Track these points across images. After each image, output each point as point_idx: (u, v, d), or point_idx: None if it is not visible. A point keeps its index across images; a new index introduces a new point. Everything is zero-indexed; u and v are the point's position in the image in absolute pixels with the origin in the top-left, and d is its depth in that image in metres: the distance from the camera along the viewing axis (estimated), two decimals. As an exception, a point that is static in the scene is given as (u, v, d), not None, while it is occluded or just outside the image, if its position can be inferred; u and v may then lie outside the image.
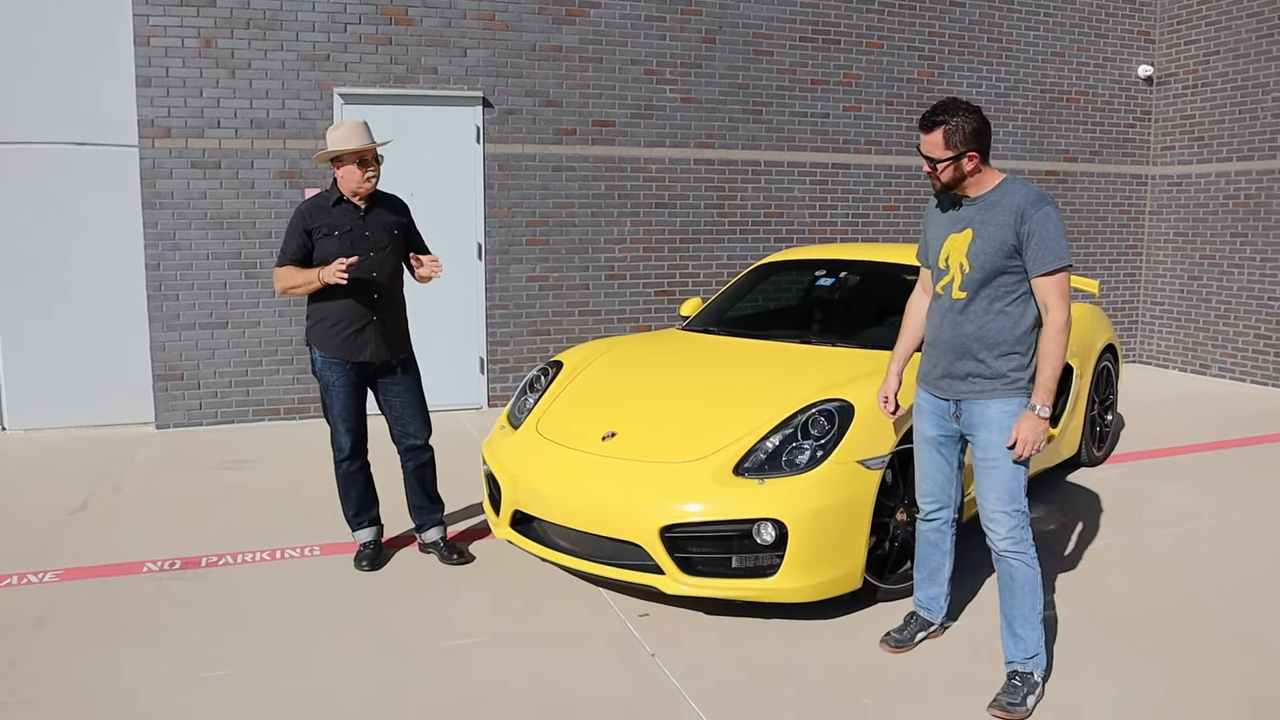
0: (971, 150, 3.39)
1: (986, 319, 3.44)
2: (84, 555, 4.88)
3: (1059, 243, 3.33)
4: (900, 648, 3.85)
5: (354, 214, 4.57)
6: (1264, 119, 9.61)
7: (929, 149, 3.46)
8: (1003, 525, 3.44)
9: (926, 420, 3.71)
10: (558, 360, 5.20)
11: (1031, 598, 3.46)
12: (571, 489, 4.13)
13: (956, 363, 3.51)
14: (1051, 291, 3.34)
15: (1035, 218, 3.33)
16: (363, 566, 4.72)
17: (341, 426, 4.68)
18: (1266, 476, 6.39)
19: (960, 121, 3.38)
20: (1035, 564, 3.47)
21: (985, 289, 3.43)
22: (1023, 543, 3.45)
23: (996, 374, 3.44)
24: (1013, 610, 3.49)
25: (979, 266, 3.42)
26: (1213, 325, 10.20)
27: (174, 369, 7.59)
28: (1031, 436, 3.34)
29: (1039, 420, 3.34)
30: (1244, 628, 4.10)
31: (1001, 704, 3.38)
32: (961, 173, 3.44)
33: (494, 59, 8.15)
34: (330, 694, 3.51)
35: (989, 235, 3.40)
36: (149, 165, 7.43)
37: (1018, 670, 3.47)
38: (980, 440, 3.48)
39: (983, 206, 3.46)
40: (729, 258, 9.02)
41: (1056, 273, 3.33)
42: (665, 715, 3.38)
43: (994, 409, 3.44)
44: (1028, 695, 3.40)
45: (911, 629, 3.91)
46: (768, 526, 3.82)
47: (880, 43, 9.37)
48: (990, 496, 3.45)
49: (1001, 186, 3.46)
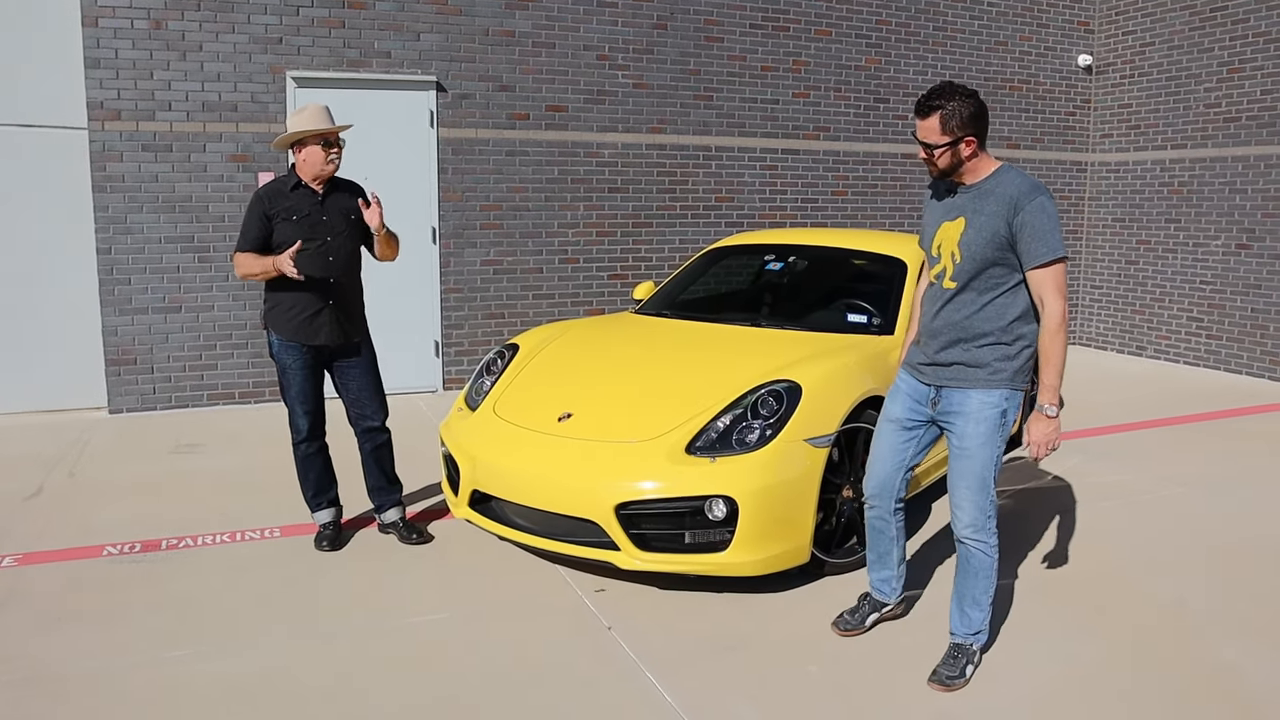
0: (969, 135, 3.33)
1: (975, 310, 3.40)
2: (42, 540, 4.90)
3: (1053, 234, 3.26)
4: (850, 631, 3.86)
5: (312, 198, 4.63)
6: (1196, 109, 9.93)
7: (925, 134, 3.38)
8: (967, 513, 3.46)
9: (899, 402, 3.67)
10: (514, 343, 5.30)
11: (986, 582, 3.54)
12: (529, 468, 4.25)
13: (942, 350, 3.48)
14: (1048, 284, 3.28)
15: (1029, 208, 3.26)
16: (323, 547, 4.79)
17: (299, 409, 4.74)
18: (1191, 453, 6.68)
19: (957, 105, 3.32)
20: (994, 552, 3.52)
21: (976, 280, 3.38)
22: (984, 531, 3.48)
23: (980, 363, 3.41)
24: (965, 590, 3.58)
25: (970, 257, 3.36)
26: (1148, 308, 10.54)
27: (127, 353, 7.57)
28: (1043, 438, 3.33)
29: (1049, 420, 3.32)
30: (1168, 594, 4.33)
31: (941, 677, 3.51)
32: (959, 158, 3.38)
33: (447, 43, 8.18)
34: (291, 672, 3.59)
35: (981, 225, 3.34)
36: (99, 148, 7.38)
37: (960, 644, 3.60)
38: (956, 429, 3.46)
39: (976, 195, 3.40)
40: (681, 242, 9.15)
41: (1051, 265, 3.27)
42: (621, 685, 3.51)
43: (974, 399, 3.42)
44: (966, 666, 3.54)
45: (863, 611, 3.91)
46: (719, 503, 3.97)
47: (829, 30, 9.53)
48: (960, 485, 3.46)
49: (996, 175, 3.40)
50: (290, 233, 4.56)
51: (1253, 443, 6.99)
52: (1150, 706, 3.39)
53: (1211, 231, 9.83)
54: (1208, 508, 5.52)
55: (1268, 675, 3.61)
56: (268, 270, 4.50)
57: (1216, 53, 9.71)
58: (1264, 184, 9.33)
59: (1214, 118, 9.76)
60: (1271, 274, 9.29)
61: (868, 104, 9.81)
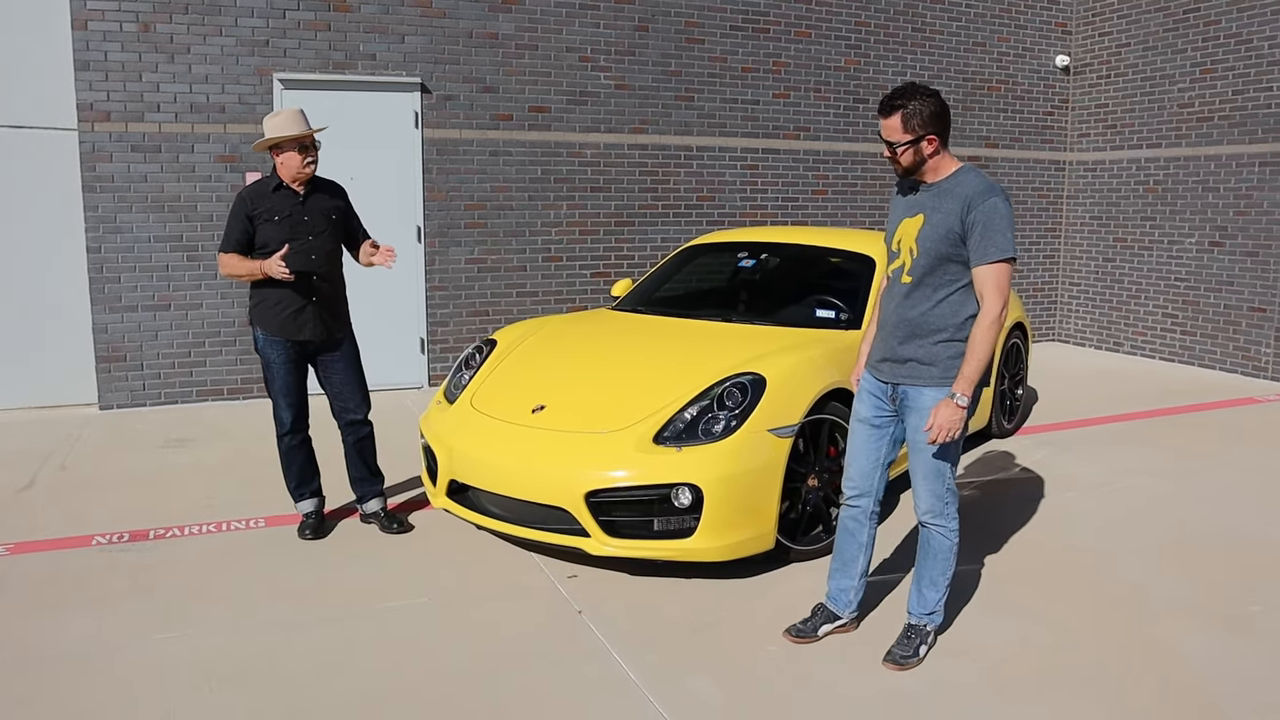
0: (930, 133, 3.44)
1: (929, 306, 3.50)
2: (34, 530, 5.05)
3: (1004, 235, 3.35)
4: (802, 638, 3.85)
5: (293, 199, 4.77)
6: (1170, 108, 10.11)
7: (889, 133, 3.48)
8: (925, 500, 3.62)
9: (864, 401, 3.75)
10: (492, 339, 5.46)
11: (943, 565, 3.67)
12: (503, 458, 4.41)
13: (899, 347, 3.58)
14: (989, 282, 3.38)
15: (982, 207, 3.36)
16: (305, 536, 4.95)
17: (283, 402, 4.89)
18: (1160, 446, 6.85)
19: (918, 105, 3.42)
20: (954, 536, 3.65)
21: (930, 276, 3.48)
22: (943, 516, 3.61)
23: (933, 361, 3.51)
24: (923, 571, 3.72)
25: (925, 252, 3.47)
26: (1125, 305, 10.71)
27: (117, 350, 7.71)
28: (947, 423, 3.40)
29: (956, 408, 3.40)
30: (1123, 580, 4.49)
31: (895, 657, 3.66)
32: (922, 156, 3.48)
33: (432, 46, 8.33)
34: (274, 653, 3.75)
35: (937, 222, 3.45)
36: (89, 149, 7.53)
37: (914, 624, 3.75)
38: (911, 424, 3.59)
39: (936, 193, 3.50)
40: (663, 240, 9.31)
41: (997, 264, 3.37)
42: (589, 664, 3.67)
43: (928, 395, 3.52)
44: (919, 646, 3.69)
45: (815, 621, 3.90)
46: (685, 490, 4.13)
47: (808, 32, 9.70)
48: (918, 474, 3.60)
49: (956, 175, 3.50)
50: (273, 233, 4.71)
51: (1219, 435, 7.17)
52: (1095, 684, 3.55)
53: (1186, 229, 10.01)
54: (1170, 497, 5.69)
55: (1211, 655, 3.78)
56: (254, 273, 4.67)
57: (1189, 54, 9.90)
58: (1235, 182, 9.51)
59: (1187, 117, 9.94)
60: (1243, 270, 9.47)
61: (847, 104, 9.97)
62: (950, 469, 3.61)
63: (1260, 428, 7.42)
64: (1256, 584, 4.45)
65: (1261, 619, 4.09)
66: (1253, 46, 9.30)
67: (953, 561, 3.71)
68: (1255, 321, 9.38)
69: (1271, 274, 9.22)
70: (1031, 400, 8.30)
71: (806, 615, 3.97)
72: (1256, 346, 9.37)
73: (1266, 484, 5.95)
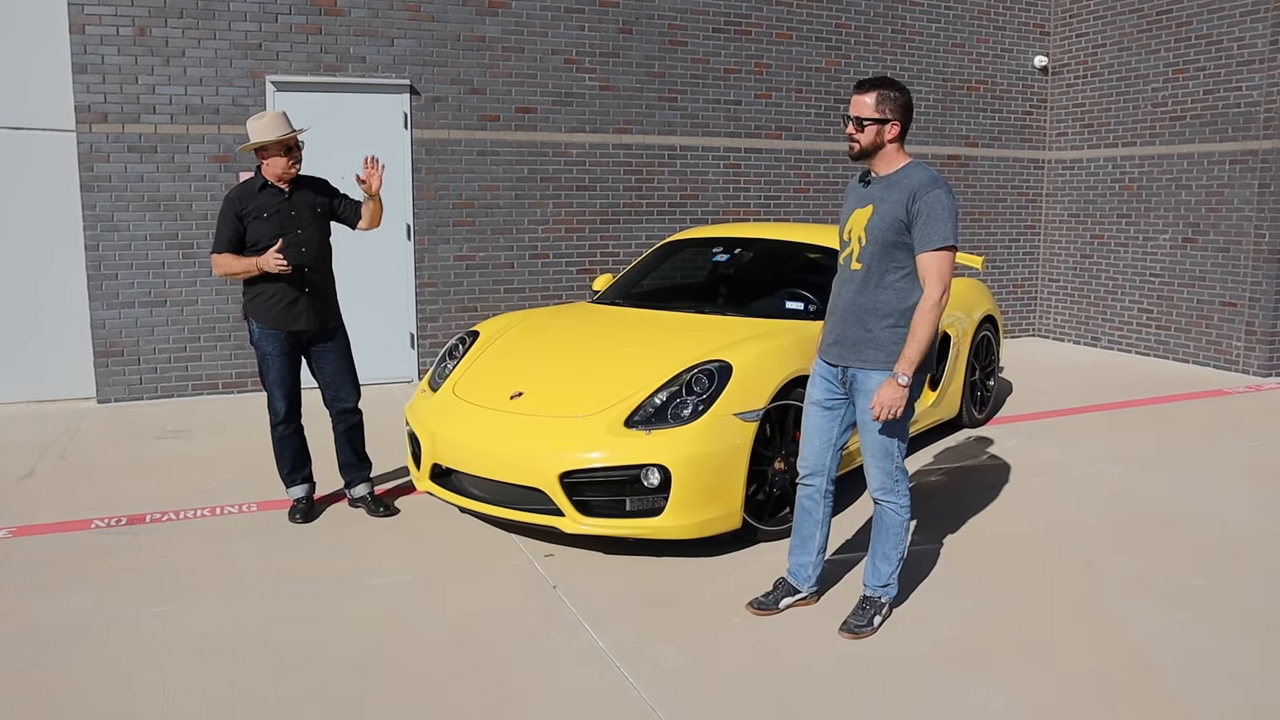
0: (896, 120, 3.67)
1: (877, 291, 3.69)
2: (34, 515, 5.26)
3: (945, 224, 3.56)
4: (764, 610, 4.04)
5: (279, 196, 4.99)
6: (1144, 108, 10.34)
7: (859, 109, 3.69)
8: (875, 478, 3.84)
9: (817, 385, 3.94)
10: (475, 330, 5.68)
11: (895, 539, 3.89)
12: (482, 442, 4.62)
13: (848, 330, 3.76)
14: (930, 268, 3.59)
15: (926, 198, 3.57)
16: (296, 519, 5.16)
17: (277, 392, 5.10)
18: (1127, 435, 7.07)
19: (894, 93, 3.67)
20: (905, 512, 3.86)
21: (878, 262, 3.67)
22: (893, 493, 3.83)
23: (880, 345, 3.69)
24: (877, 545, 3.93)
25: (873, 240, 3.67)
26: (1102, 300, 10.94)
27: (114, 345, 7.92)
28: (889, 401, 3.58)
29: (898, 388, 3.58)
30: (1078, 559, 4.70)
31: (850, 626, 3.87)
32: (881, 140, 3.68)
33: (420, 48, 8.55)
34: (263, 625, 3.96)
35: (884, 211, 3.65)
36: (86, 149, 7.74)
37: (869, 596, 3.96)
38: (860, 405, 3.79)
39: (885, 185, 3.71)
40: (647, 238, 9.52)
41: (938, 251, 3.57)
42: (562, 635, 3.89)
43: (874, 379, 3.71)
44: (874, 616, 3.90)
45: (776, 594, 4.09)
46: (653, 471, 4.35)
47: (789, 34, 9.92)
48: (868, 453, 3.82)
49: (905, 169, 3.71)
50: (263, 230, 4.92)
51: (1187, 425, 7.39)
52: (1042, 655, 3.77)
53: (1160, 226, 10.24)
54: (1132, 483, 5.91)
55: (1153, 628, 3.99)
56: (249, 269, 4.89)
57: (1163, 54, 10.12)
58: (1207, 180, 9.74)
59: (1161, 116, 10.17)
60: (1215, 266, 9.69)
61: (828, 104, 10.19)
62: (898, 447, 3.81)
63: (1226, 418, 7.64)
64: (1205, 562, 4.67)
65: (1206, 594, 4.31)
66: (1223, 48, 9.53)
67: (905, 536, 3.92)
68: (1227, 316, 9.61)
69: (1242, 270, 9.45)
70: (1006, 392, 8.52)
71: (769, 589, 4.18)
72: (1228, 340, 9.59)
73: (1227, 471, 6.17)
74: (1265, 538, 5.00)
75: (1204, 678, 3.56)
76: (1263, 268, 9.27)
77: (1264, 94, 9.19)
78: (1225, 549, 4.84)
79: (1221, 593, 4.31)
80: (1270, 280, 9.24)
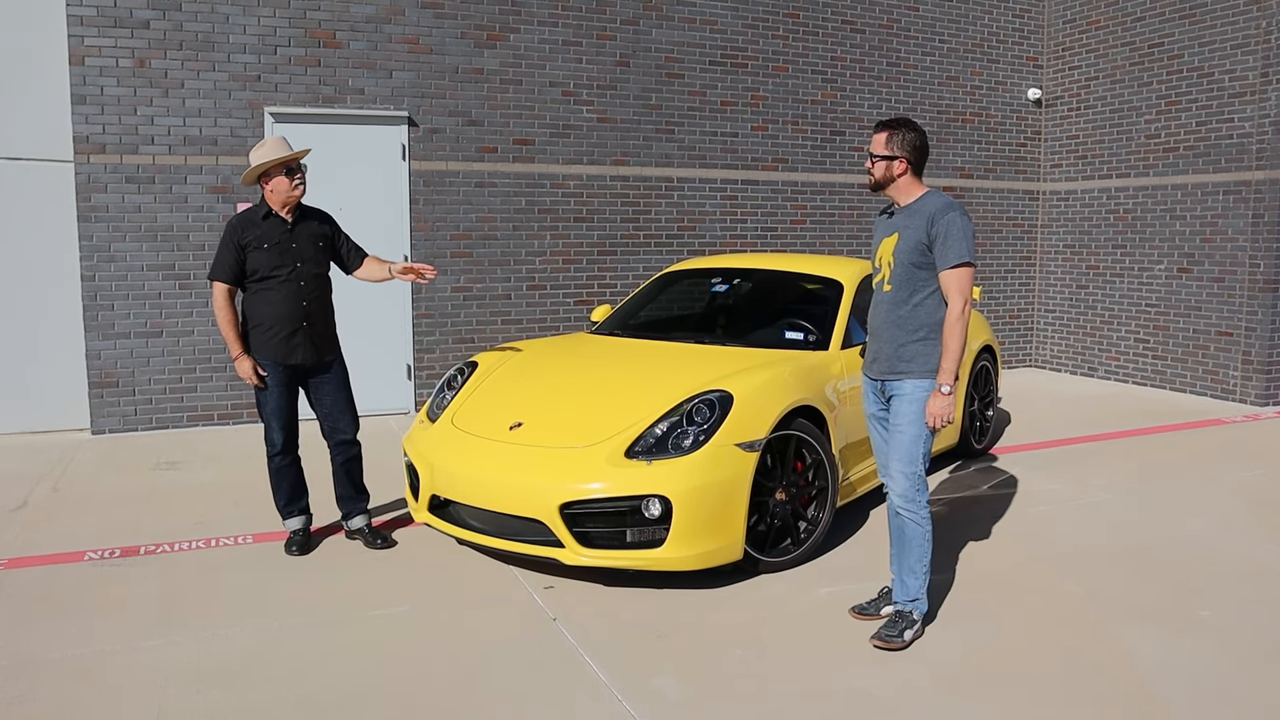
0: (903, 157, 4.04)
1: (907, 309, 4.03)
2: (27, 547, 5.20)
3: (962, 242, 3.91)
4: (865, 615, 4.28)
5: (282, 227, 4.98)
6: (1138, 139, 10.41)
7: (874, 146, 4.10)
8: (899, 484, 4.05)
9: (868, 399, 4.29)
10: (473, 361, 5.66)
11: (919, 551, 4.06)
12: (481, 473, 4.59)
13: (884, 346, 4.10)
14: (952, 284, 3.94)
15: (943, 221, 3.93)
16: (292, 551, 5.11)
17: (275, 424, 5.07)
18: (1124, 464, 7.06)
19: (905, 133, 4.05)
20: (926, 523, 4.06)
21: (905, 283, 4.03)
22: (915, 503, 4.04)
23: (912, 356, 4.02)
24: (902, 560, 4.10)
25: (900, 263, 4.04)
26: (1098, 330, 10.96)
27: (110, 376, 7.88)
28: (938, 410, 3.94)
29: (943, 397, 3.94)
30: (1079, 589, 4.68)
31: (881, 635, 4.01)
32: (891, 175, 4.07)
33: (419, 80, 8.59)
34: (260, 657, 3.91)
35: (908, 237, 4.02)
36: (84, 180, 7.74)
37: (900, 611, 4.09)
38: (893, 409, 4.09)
39: (908, 214, 4.08)
40: (644, 269, 9.53)
41: (957, 268, 3.92)
42: (561, 667, 3.84)
43: (908, 385, 4.03)
44: (905, 630, 4.02)
45: (879, 602, 4.32)
46: (654, 502, 4.32)
47: (786, 66, 9.99)
48: (893, 458, 4.06)
49: (923, 197, 4.07)
50: (263, 260, 4.91)
51: (1186, 454, 7.38)
52: (1043, 684, 3.73)
53: (1155, 256, 10.28)
54: (1133, 513, 5.89)
55: (1158, 658, 3.96)
56: (232, 349, 4.98)
57: (1155, 86, 10.21)
58: (1201, 210, 9.79)
59: (1154, 148, 10.24)
60: (1210, 296, 9.72)
61: (824, 136, 10.25)
62: (923, 453, 4.04)
63: (1224, 447, 7.63)
64: (1209, 591, 4.64)
65: (1210, 623, 4.28)
66: (1214, 80, 9.61)
67: (928, 549, 4.09)
68: (1223, 345, 9.62)
69: (1237, 299, 9.48)
70: (1004, 422, 8.51)
71: (872, 596, 4.42)
72: (1224, 370, 9.61)
73: (1227, 500, 6.16)
74: (1267, 567, 4.97)
75: (1210, 707, 3.52)
76: (1258, 297, 9.31)
77: (1255, 125, 9.26)
78: (1228, 578, 4.81)
79: (1226, 622, 4.28)
80: (1266, 310, 9.27)
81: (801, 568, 4.88)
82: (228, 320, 4.93)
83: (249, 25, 8.06)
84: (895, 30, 10.54)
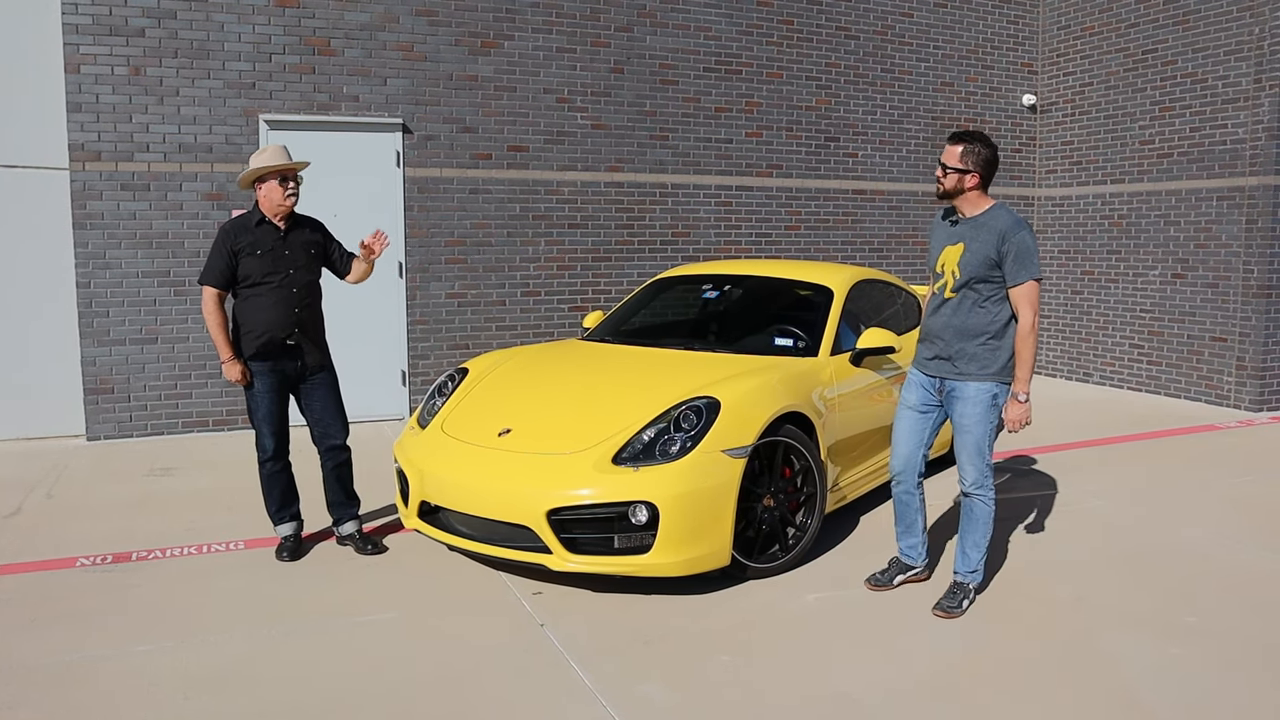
0: (976, 171, 4.26)
1: (970, 315, 4.29)
2: (20, 553, 5.22)
3: (1031, 260, 4.17)
4: (879, 586, 4.67)
5: (274, 233, 5.01)
6: (1132, 145, 10.43)
7: (947, 157, 4.31)
8: (970, 474, 4.37)
9: (913, 391, 4.54)
10: (464, 367, 5.67)
11: (984, 529, 4.43)
12: (470, 479, 4.61)
13: (947, 347, 4.35)
14: (1022, 299, 4.21)
15: (1014, 239, 4.17)
16: (283, 557, 5.13)
17: (265, 429, 5.10)
18: (1119, 471, 7.07)
19: (979, 148, 4.27)
20: (992, 504, 4.41)
21: (969, 292, 4.28)
22: (984, 487, 4.38)
23: (975, 358, 4.28)
24: (967, 535, 4.46)
25: (965, 274, 4.27)
26: (1094, 336, 10.98)
27: (105, 383, 7.91)
28: (1017, 416, 4.29)
29: (1021, 404, 4.27)
30: (1068, 594, 4.69)
31: (944, 606, 4.40)
32: (962, 186, 4.29)
33: (413, 88, 8.62)
34: (251, 663, 3.93)
35: (975, 250, 4.24)
36: (79, 187, 7.77)
37: (959, 582, 4.48)
38: (958, 411, 4.36)
39: (973, 226, 4.30)
40: (639, 275, 9.56)
41: (1028, 284, 4.18)
42: (548, 673, 3.86)
43: (970, 388, 4.31)
44: (963, 600, 4.42)
45: (891, 572, 4.73)
46: (641, 508, 4.33)
47: (780, 73, 10.02)
48: (963, 453, 4.37)
49: (990, 211, 4.29)
50: (255, 267, 4.94)
51: (1179, 460, 7.39)
52: (1031, 690, 3.74)
53: (1149, 262, 10.30)
54: (1124, 518, 5.90)
55: (1145, 664, 3.98)
56: (222, 352, 4.99)
57: (1149, 92, 10.23)
58: (1195, 216, 9.81)
59: (1148, 154, 10.26)
60: (1205, 301, 9.74)
61: (818, 142, 10.28)
62: (989, 448, 4.37)
63: (1218, 453, 7.65)
64: (1196, 597, 4.66)
65: (1197, 629, 4.29)
66: (1208, 86, 9.64)
67: (991, 526, 4.45)
68: (1217, 351, 9.64)
69: (1231, 305, 9.49)
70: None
71: (883, 567, 4.80)
72: (1219, 375, 9.62)
73: (1219, 506, 6.17)
74: (1257, 573, 4.99)
75: (1195, 714, 3.53)
76: (1252, 303, 9.32)
77: (1249, 131, 9.28)
78: (1217, 584, 4.83)
79: (1213, 628, 4.30)
80: (1259, 315, 9.29)
81: (790, 574, 4.89)
82: (218, 324, 4.95)
83: (244, 33, 8.09)
84: (890, 36, 10.57)
